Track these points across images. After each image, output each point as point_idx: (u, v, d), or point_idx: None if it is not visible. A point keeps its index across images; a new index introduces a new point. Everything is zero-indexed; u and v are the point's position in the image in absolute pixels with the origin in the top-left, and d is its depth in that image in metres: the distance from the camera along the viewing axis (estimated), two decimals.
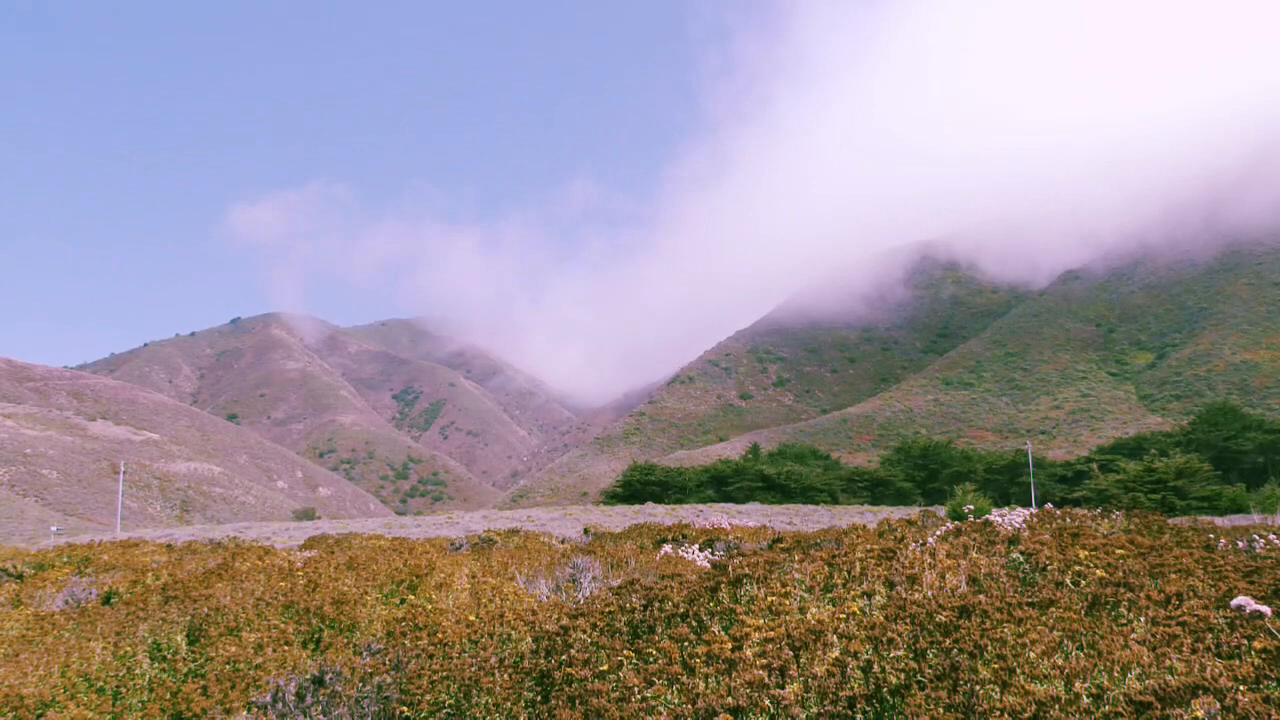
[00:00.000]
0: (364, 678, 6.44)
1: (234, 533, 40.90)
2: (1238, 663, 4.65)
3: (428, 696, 6.06)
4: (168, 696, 6.64)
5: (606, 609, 7.28)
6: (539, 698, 5.99)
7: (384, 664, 6.71)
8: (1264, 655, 4.48)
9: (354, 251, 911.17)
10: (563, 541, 24.29)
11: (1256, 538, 14.34)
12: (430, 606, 9.42)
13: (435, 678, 6.17)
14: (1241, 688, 4.18)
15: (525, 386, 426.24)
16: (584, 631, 6.80)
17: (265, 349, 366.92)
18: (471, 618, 8.12)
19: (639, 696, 5.41)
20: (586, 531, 32.20)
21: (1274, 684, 4.15)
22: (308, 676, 6.52)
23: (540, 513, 54.08)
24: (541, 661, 6.34)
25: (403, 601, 10.09)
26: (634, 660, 6.14)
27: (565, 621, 6.97)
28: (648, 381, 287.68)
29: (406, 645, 7.24)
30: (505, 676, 6.17)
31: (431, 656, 6.81)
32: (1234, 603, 4.44)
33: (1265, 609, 4.31)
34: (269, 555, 15.26)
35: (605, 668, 5.98)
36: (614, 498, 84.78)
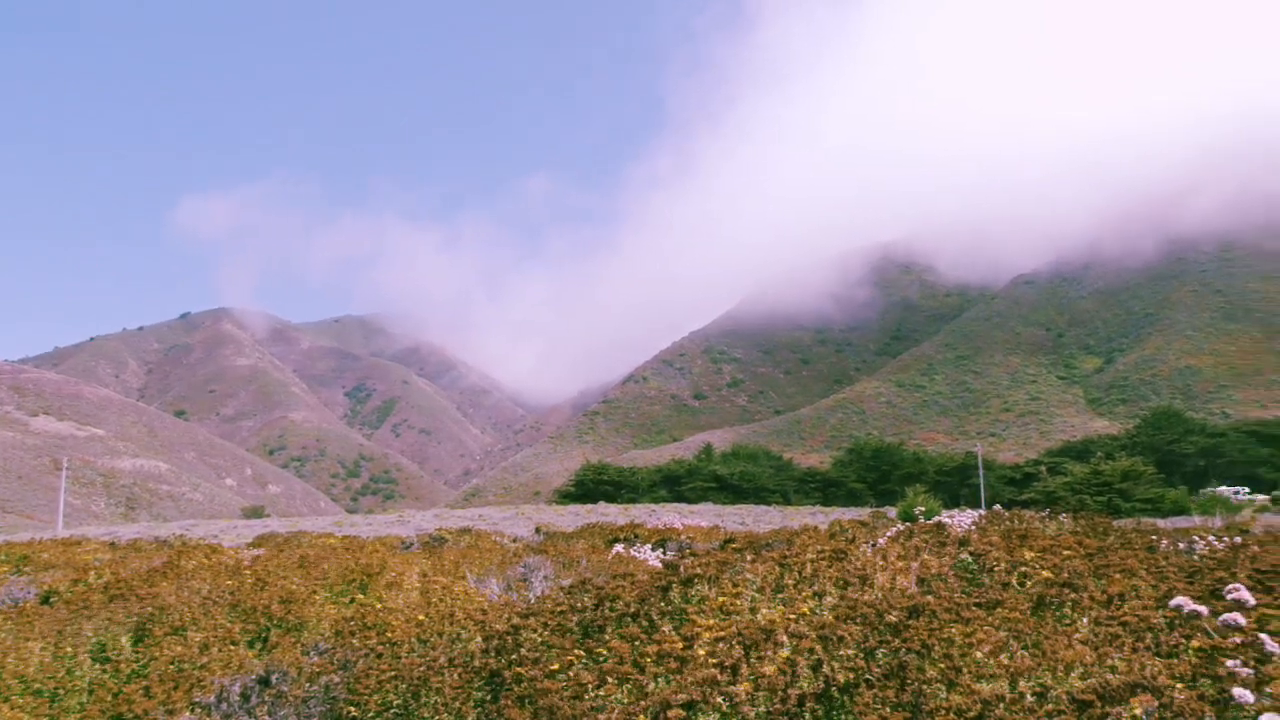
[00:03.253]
0: (311, 677, 6.37)
1: (181, 530, 40.36)
2: (1176, 661, 4.73)
3: (375, 696, 6.00)
4: (109, 698, 6.51)
5: (557, 608, 7.26)
6: (489, 697, 5.96)
7: (332, 663, 6.64)
8: (1200, 654, 4.56)
9: (310, 247, 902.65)
10: (514, 540, 24.20)
11: (1196, 539, 14.57)
12: (380, 606, 9.34)
13: (383, 677, 6.11)
14: (1178, 685, 4.24)
15: (479, 384, 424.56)
16: (535, 631, 6.77)
17: (215, 344, 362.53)
18: (421, 617, 8.06)
19: (590, 695, 5.39)
20: (538, 530, 32.12)
21: (1209, 681, 4.22)
22: (253, 676, 6.44)
23: (492, 512, 53.89)
24: (492, 661, 6.31)
25: (352, 601, 9.99)
26: (585, 659, 6.12)
27: (516, 621, 6.93)
28: (603, 381, 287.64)
29: (355, 644, 7.17)
30: (455, 676, 6.12)
31: (380, 656, 6.75)
32: (1173, 603, 4.52)
33: (1203, 609, 4.38)
34: (216, 553, 15.07)
35: (556, 667, 5.95)
36: (567, 497, 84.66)
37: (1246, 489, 76.08)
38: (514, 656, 6.31)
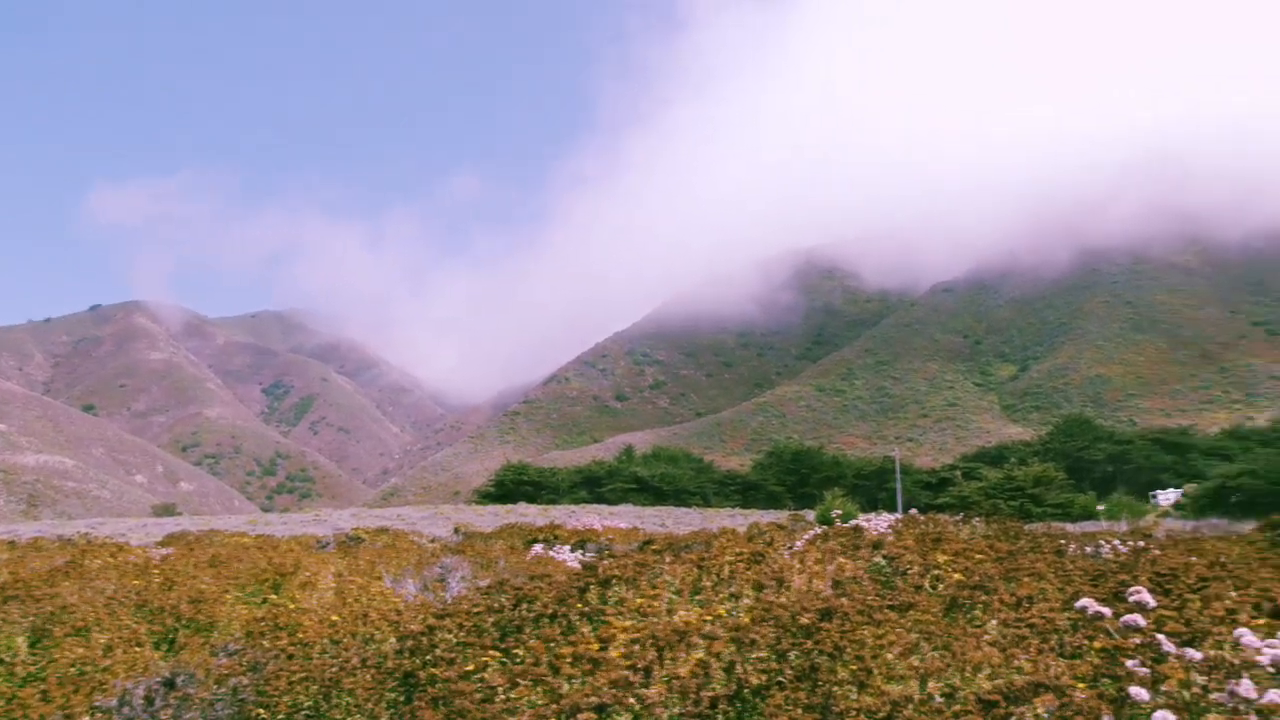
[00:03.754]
0: (219, 679, 6.24)
1: (86, 529, 39.27)
2: (1079, 662, 4.85)
3: (286, 698, 5.90)
4: (1, 703, 6.32)
5: (473, 609, 7.21)
6: (402, 698, 5.90)
7: (241, 665, 6.51)
8: (1102, 654, 4.68)
9: (227, 240, 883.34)
10: (432, 541, 24.01)
11: (1103, 543, 14.96)
12: (293, 606, 9.20)
13: (294, 679, 6.01)
14: (1080, 685, 4.35)
15: (400, 382, 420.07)
16: (450, 631, 6.72)
17: (127, 338, 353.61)
18: (335, 617, 7.95)
19: (503, 696, 5.36)
20: (457, 531, 31.90)
21: (1109, 681, 4.33)
22: (158, 679, 6.29)
23: (411, 511, 53.36)
24: (405, 662, 6.24)
25: (265, 601, 9.83)
26: (500, 660, 6.09)
27: (431, 621, 6.87)
28: (525, 381, 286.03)
29: (266, 645, 7.05)
30: (367, 677, 6.05)
31: (291, 657, 6.64)
32: (1078, 604, 4.63)
33: (1106, 610, 4.49)
34: (123, 552, 14.72)
35: (470, 668, 5.91)
36: (486, 497, 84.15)
37: (1180, 490, 77.93)
38: (428, 657, 6.25)
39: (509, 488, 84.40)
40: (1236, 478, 72.29)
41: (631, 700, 4.90)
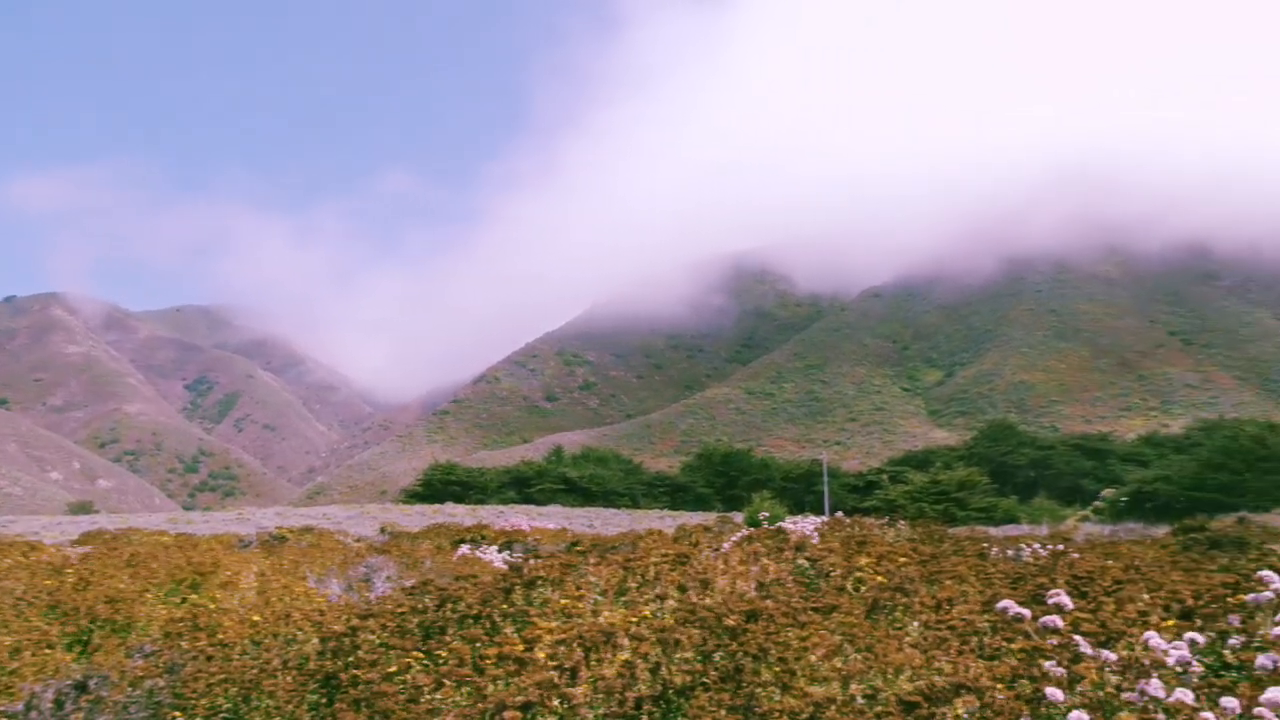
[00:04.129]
0: (134, 682, 6.11)
1: None
2: (998, 663, 4.93)
3: (204, 700, 5.80)
4: None
5: (398, 609, 7.15)
6: (323, 700, 5.82)
7: (157, 666, 6.38)
8: (1020, 656, 4.76)
9: (151, 232, 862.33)
10: (358, 540, 23.78)
11: (1024, 547, 15.27)
12: (214, 606, 9.04)
13: (213, 680, 5.90)
14: (999, 686, 4.43)
15: (327, 380, 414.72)
16: (374, 632, 6.66)
17: (43, 330, 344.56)
18: (256, 618, 7.83)
19: (427, 697, 5.33)
20: (383, 530, 31.62)
21: (1027, 682, 4.41)
22: (69, 681, 6.13)
23: (337, 510, 52.73)
24: (328, 663, 6.17)
25: (184, 601, 9.65)
26: (424, 661, 6.05)
27: (355, 622, 6.80)
28: (454, 380, 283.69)
29: (184, 646, 6.91)
30: (288, 678, 5.96)
31: (210, 658, 6.52)
32: (998, 606, 4.71)
33: (1025, 612, 4.58)
34: (35, 551, 14.36)
35: (394, 669, 5.86)
36: (414, 497, 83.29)
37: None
38: (351, 658, 6.19)
39: (437, 487, 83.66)
40: (1152, 483, 74.11)
41: (556, 701, 4.89)
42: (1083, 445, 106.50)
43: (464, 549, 19.47)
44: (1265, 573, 4.57)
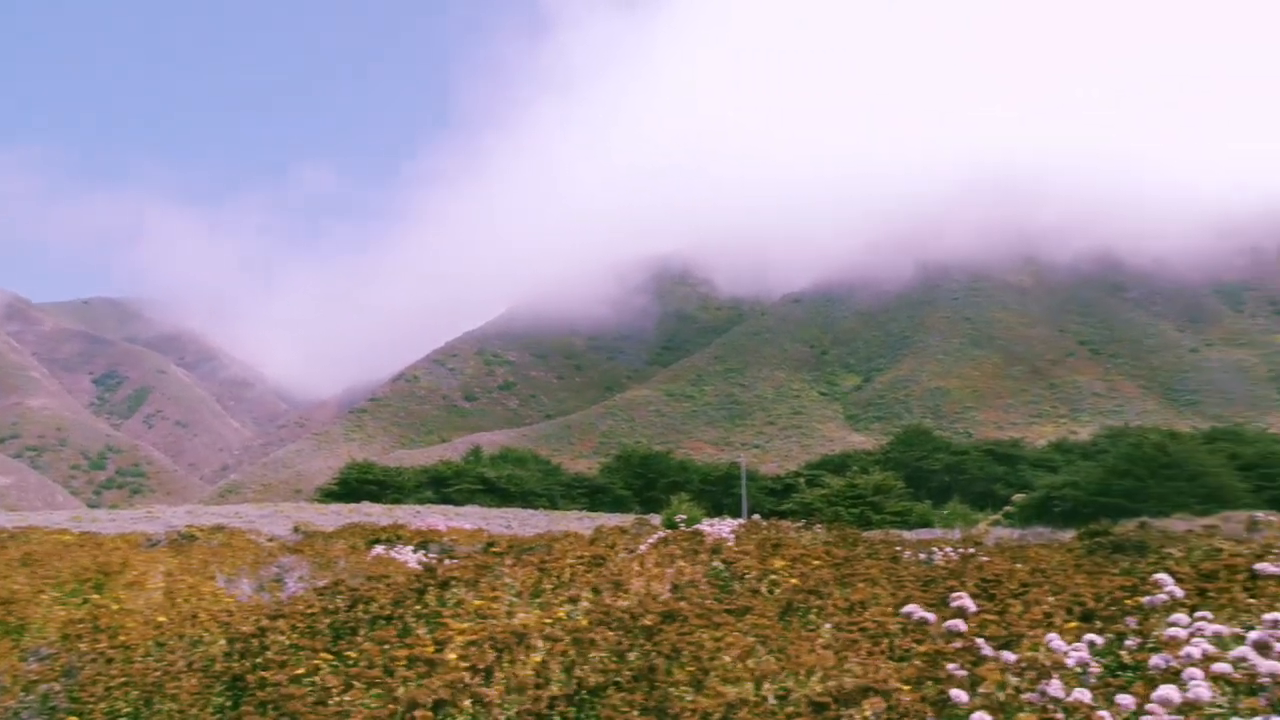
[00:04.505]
0: (27, 686, 5.92)
1: None
2: (905, 665, 5.02)
3: (102, 705, 5.64)
4: None
5: (309, 610, 7.05)
6: (229, 703, 5.72)
7: (54, 670, 6.20)
8: (926, 658, 4.85)
9: (57, 221, 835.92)
10: (271, 539, 23.42)
11: (936, 551, 15.55)
12: (117, 607, 8.82)
13: (112, 684, 5.75)
14: (906, 687, 4.51)
15: (242, 376, 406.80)
16: (283, 633, 6.56)
17: None
18: (161, 619, 7.66)
19: (336, 699, 5.26)
20: (297, 529, 31.15)
21: (932, 684, 4.50)
22: None
23: (250, 509, 51.84)
24: (235, 665, 6.06)
25: (85, 602, 9.39)
26: (334, 662, 5.98)
27: (264, 622, 6.70)
28: (373, 378, 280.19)
29: (83, 649, 6.73)
30: (193, 681, 5.84)
31: (110, 661, 6.35)
32: (905, 609, 4.78)
33: (931, 615, 4.66)
34: None
35: (302, 670, 5.78)
36: (329, 496, 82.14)
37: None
38: (259, 660, 6.09)
39: (353, 486, 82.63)
40: (1060, 489, 75.87)
41: (468, 701, 4.87)
42: (995, 451, 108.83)
43: (379, 549, 19.27)
44: (1160, 576, 4.71)
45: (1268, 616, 3.68)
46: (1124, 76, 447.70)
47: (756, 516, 27.23)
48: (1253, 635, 3.53)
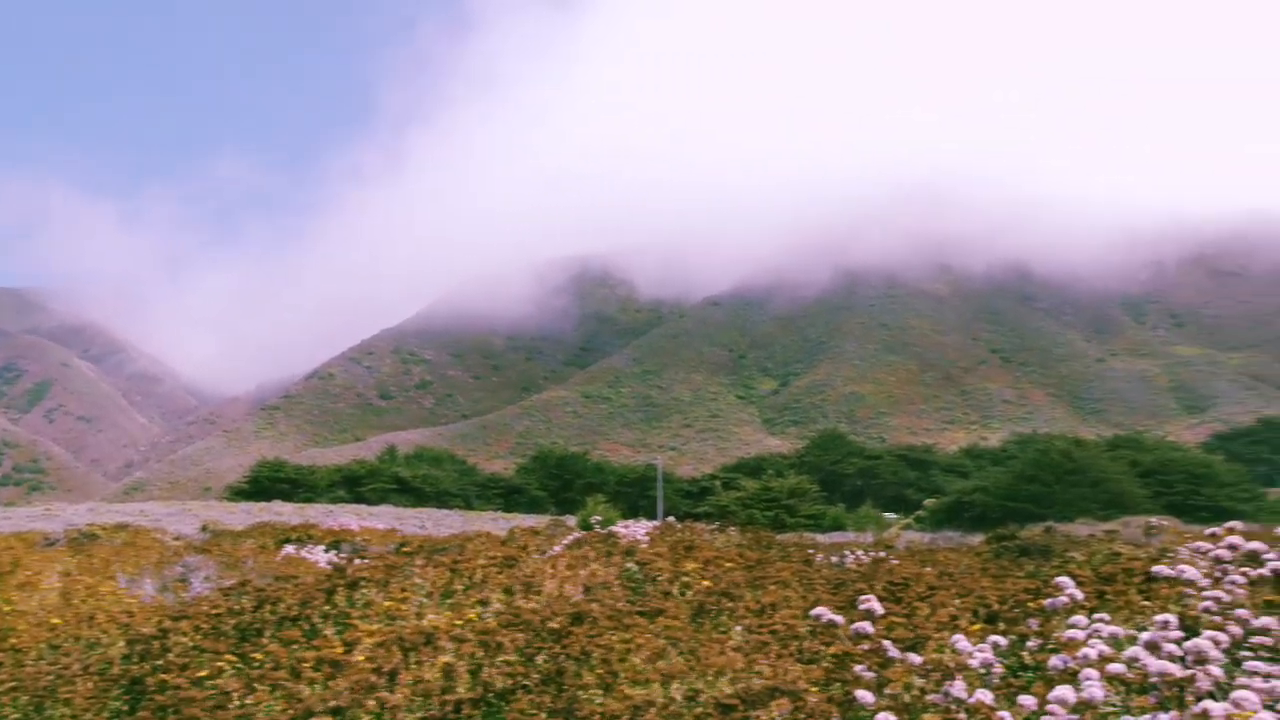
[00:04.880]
0: None
1: None
2: (814, 667, 5.06)
3: None
4: None
5: (213, 610, 6.91)
6: (127, 708, 5.56)
7: None
8: (834, 659, 4.90)
9: None
10: (178, 539, 22.93)
11: (848, 554, 15.73)
12: (8, 609, 8.54)
13: (0, 689, 5.56)
14: (813, 689, 4.55)
15: (150, 371, 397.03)
16: (185, 634, 6.41)
17: None
18: (56, 620, 7.43)
19: (238, 702, 5.15)
20: (205, 528, 30.51)
21: (839, 685, 4.54)
22: None
23: (156, 507, 50.62)
24: (134, 667, 5.90)
25: None
26: (238, 665, 5.85)
27: (166, 624, 6.54)
28: (287, 375, 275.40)
29: None
30: (89, 685, 5.67)
31: (0, 665, 6.15)
32: (814, 612, 4.83)
33: (839, 618, 4.71)
34: None
35: (204, 673, 5.65)
36: (240, 494, 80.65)
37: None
38: (159, 662, 5.94)
39: (264, 485, 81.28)
40: (971, 494, 77.49)
41: (373, 703, 4.80)
42: (908, 456, 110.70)
43: (289, 549, 18.96)
44: (1061, 579, 4.81)
45: (1159, 618, 3.79)
46: (1039, 90, 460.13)
47: (672, 519, 27.35)
48: (1144, 636, 3.62)
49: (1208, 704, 3.17)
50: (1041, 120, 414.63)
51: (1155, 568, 5.01)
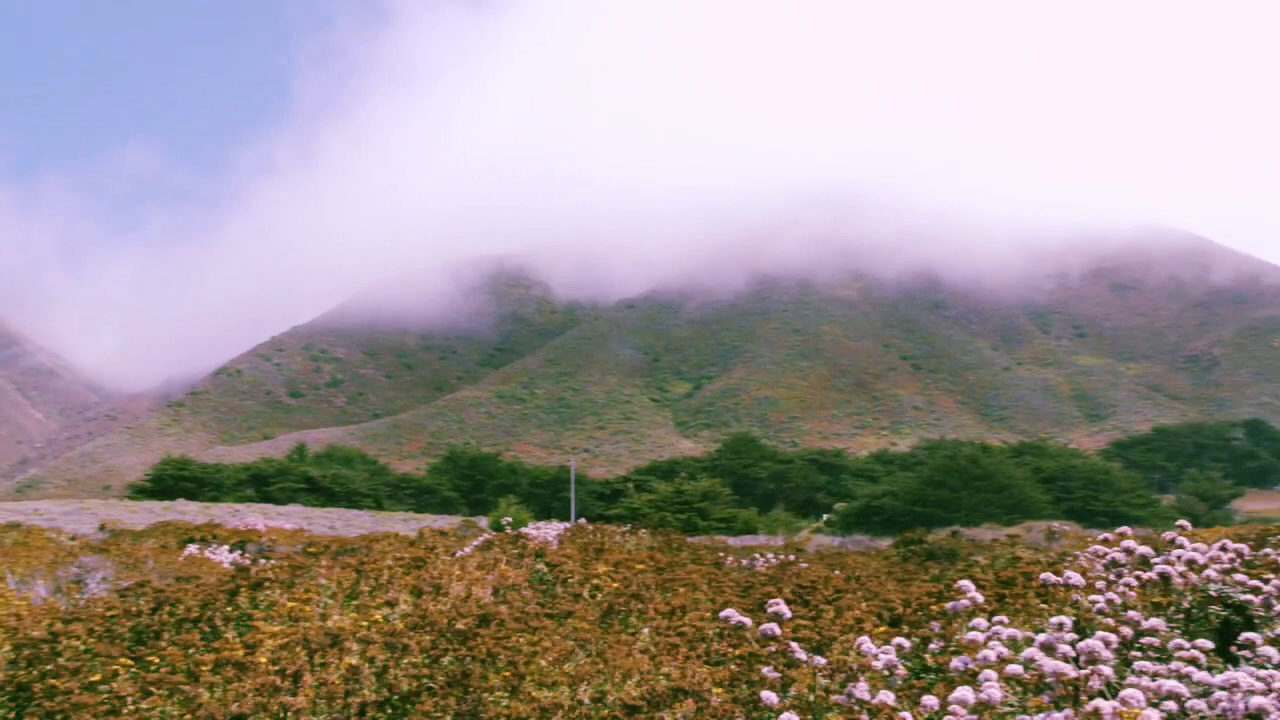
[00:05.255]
0: None
1: None
2: (721, 669, 5.09)
3: None
4: None
5: (109, 612, 6.72)
6: (13, 714, 5.37)
7: None
8: (741, 661, 4.94)
9: None
10: (74, 539, 22.31)
11: (758, 557, 15.87)
12: None
13: None
14: (719, 691, 4.58)
15: (47, 365, 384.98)
16: (79, 638, 6.22)
17: None
18: None
19: (132, 708, 5.01)
20: (103, 528, 29.74)
21: (746, 686, 4.57)
22: None
23: (52, 506, 49.25)
24: (20, 673, 5.70)
25: None
26: (134, 669, 5.69)
27: (57, 627, 6.34)
28: (193, 371, 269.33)
29: None
30: None
31: None
32: (722, 614, 4.85)
33: (747, 620, 4.74)
34: None
35: (98, 677, 5.48)
36: (142, 493, 78.78)
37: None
38: (49, 667, 5.75)
39: (168, 484, 79.49)
40: (880, 498, 78.77)
41: (275, 707, 4.70)
42: (819, 460, 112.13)
43: (192, 549, 18.57)
44: (963, 582, 4.90)
45: (1054, 620, 3.88)
46: (950, 101, 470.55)
47: (584, 520, 27.32)
48: (1040, 638, 3.71)
49: (1099, 703, 3.25)
50: (951, 131, 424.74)
51: (1045, 574, 5.14)
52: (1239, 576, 4.98)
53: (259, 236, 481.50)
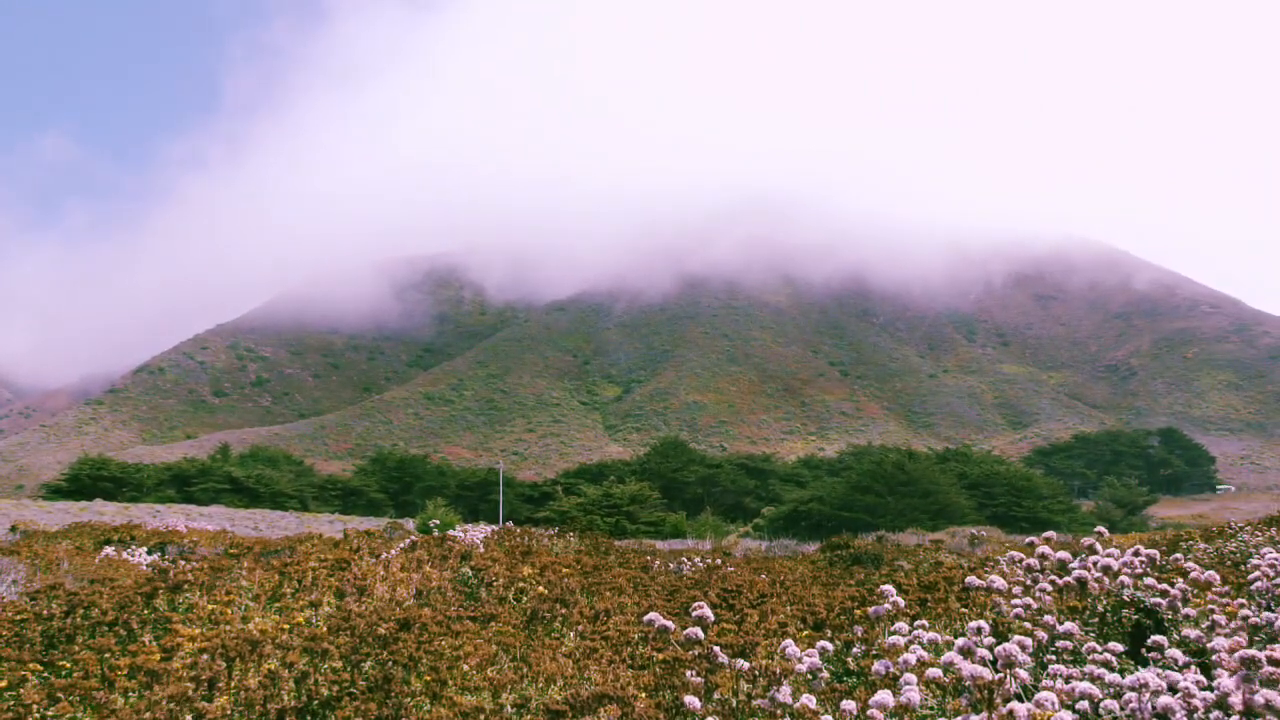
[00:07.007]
0: None
1: None
2: (644, 673, 5.09)
3: None
4: None
5: (18, 616, 6.54)
6: None
7: None
8: (665, 665, 4.94)
9: None
10: None
11: (685, 561, 15.92)
12: None
13: None
14: (642, 695, 4.58)
15: None
16: None
17: None
18: None
19: (39, 715, 4.87)
20: (15, 529, 28.91)
21: (669, 691, 4.58)
22: None
23: None
24: None
25: None
26: (43, 674, 5.55)
27: None
28: (113, 368, 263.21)
29: None
30: None
31: None
32: (646, 618, 4.85)
33: (672, 624, 4.75)
34: None
35: (3, 684, 5.33)
36: (57, 493, 76.89)
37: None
38: None
39: (85, 483, 77.69)
40: (807, 503, 79.40)
41: (189, 717, 4.61)
42: (747, 465, 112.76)
43: (109, 551, 18.11)
44: (885, 587, 4.96)
45: (971, 624, 3.94)
46: (877, 107, 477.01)
47: (512, 523, 27.21)
48: (959, 642, 3.77)
49: (1014, 705, 3.31)
50: (879, 137, 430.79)
51: (970, 578, 5.22)
52: (1150, 581, 5.10)
53: (186, 232, 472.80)
